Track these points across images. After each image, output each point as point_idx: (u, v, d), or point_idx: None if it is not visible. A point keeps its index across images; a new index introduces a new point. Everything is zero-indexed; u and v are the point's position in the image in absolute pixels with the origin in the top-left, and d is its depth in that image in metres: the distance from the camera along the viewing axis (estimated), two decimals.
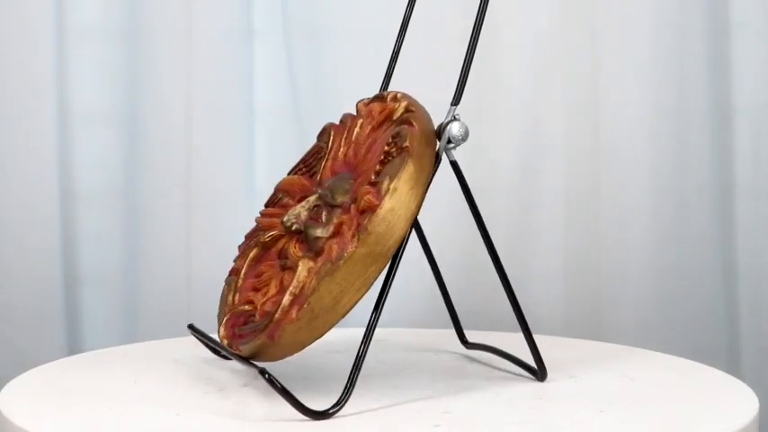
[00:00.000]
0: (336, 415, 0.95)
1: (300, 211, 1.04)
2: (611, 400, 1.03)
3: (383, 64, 1.32)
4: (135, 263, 1.50)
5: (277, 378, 0.94)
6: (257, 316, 1.01)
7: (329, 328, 0.98)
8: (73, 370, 1.14)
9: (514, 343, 1.10)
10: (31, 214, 1.46)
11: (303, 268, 0.97)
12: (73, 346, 1.48)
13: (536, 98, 1.48)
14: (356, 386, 0.96)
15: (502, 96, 1.48)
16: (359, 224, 0.97)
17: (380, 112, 1.06)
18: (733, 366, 1.48)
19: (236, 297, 1.05)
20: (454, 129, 1.02)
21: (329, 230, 0.99)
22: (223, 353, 1.08)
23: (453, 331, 1.19)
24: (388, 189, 0.97)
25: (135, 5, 1.47)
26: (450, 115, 1.02)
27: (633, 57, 1.48)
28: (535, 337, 1.06)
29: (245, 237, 1.10)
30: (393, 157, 0.99)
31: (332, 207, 1.01)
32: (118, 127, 1.50)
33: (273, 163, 1.49)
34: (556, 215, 1.49)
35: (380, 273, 0.98)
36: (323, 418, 0.95)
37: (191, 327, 1.13)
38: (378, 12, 1.48)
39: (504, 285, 1.05)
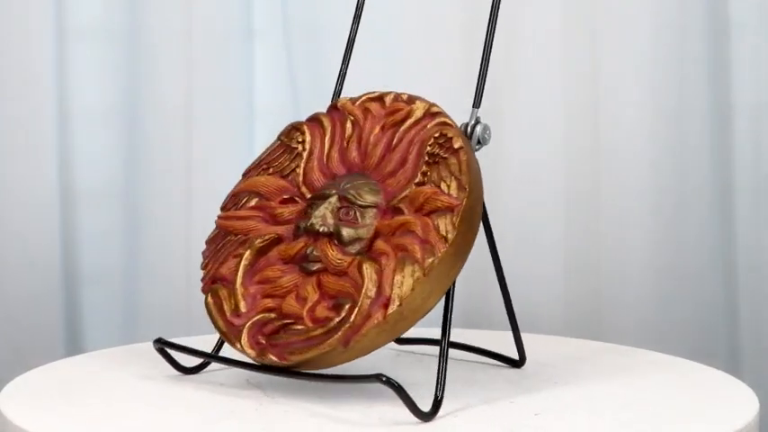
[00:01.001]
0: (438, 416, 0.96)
1: (325, 212, 1.02)
2: (610, 400, 1.03)
3: (383, 64, 1.33)
4: (135, 263, 1.50)
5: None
6: (308, 322, 0.98)
7: (407, 330, 0.98)
8: (73, 370, 1.14)
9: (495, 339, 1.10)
10: (31, 214, 1.46)
11: (371, 270, 0.97)
12: (73, 346, 1.48)
13: (536, 98, 1.48)
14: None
15: (502, 96, 1.48)
16: (435, 225, 0.97)
17: (391, 113, 1.06)
18: (733, 366, 1.48)
19: (240, 305, 1.02)
20: (480, 130, 1.05)
21: (370, 231, 1.00)
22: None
23: None
24: (464, 188, 0.98)
25: (135, 5, 1.47)
26: (474, 118, 1.05)
27: (633, 57, 1.48)
28: (535, 336, 1.06)
29: (209, 242, 1.08)
30: (443, 158, 1.00)
31: (363, 208, 1.01)
32: (118, 127, 1.50)
33: None
34: (556, 215, 1.49)
35: (460, 271, 0.99)
36: (429, 420, 0.95)
37: (159, 341, 1.08)
38: (378, 12, 1.47)
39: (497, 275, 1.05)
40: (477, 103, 1.06)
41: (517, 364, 1.09)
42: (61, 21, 1.46)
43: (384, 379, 0.93)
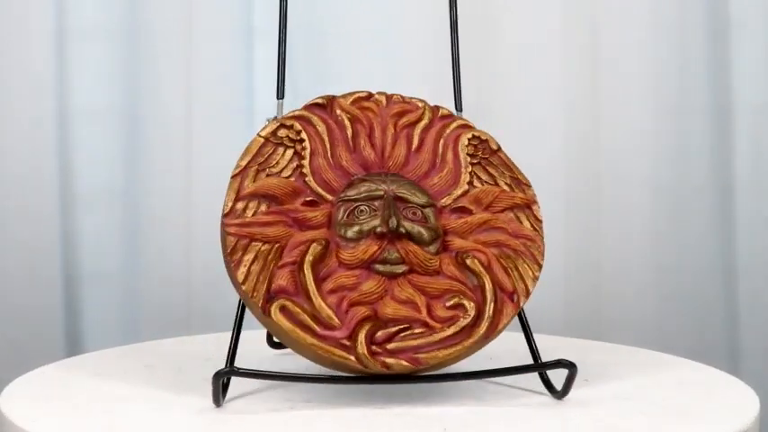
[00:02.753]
0: None
1: (395, 213, 1.00)
2: (610, 399, 1.03)
3: (384, 64, 1.33)
4: (135, 263, 1.50)
5: None
6: (433, 324, 0.97)
7: None
8: (73, 370, 1.14)
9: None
10: (31, 214, 1.46)
11: (479, 266, 0.99)
12: (73, 346, 1.48)
13: (535, 99, 1.48)
14: None
15: (502, 96, 1.48)
16: (515, 219, 1.04)
17: (401, 114, 1.07)
18: (733, 366, 1.48)
19: (330, 317, 0.96)
20: None
21: (440, 229, 1.01)
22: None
23: None
24: (526, 184, 1.07)
25: (135, 5, 1.47)
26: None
27: (633, 56, 1.48)
28: (535, 336, 1.06)
29: (230, 253, 0.98)
30: (483, 158, 1.06)
31: (423, 207, 1.02)
32: (118, 127, 1.50)
33: None
34: (556, 215, 1.49)
35: None
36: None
37: (230, 372, 0.98)
38: (378, 12, 1.48)
39: None
40: (458, 106, 1.10)
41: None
42: (61, 21, 1.46)
43: (566, 363, 0.98)
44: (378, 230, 0.99)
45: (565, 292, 1.48)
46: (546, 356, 1.07)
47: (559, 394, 1.01)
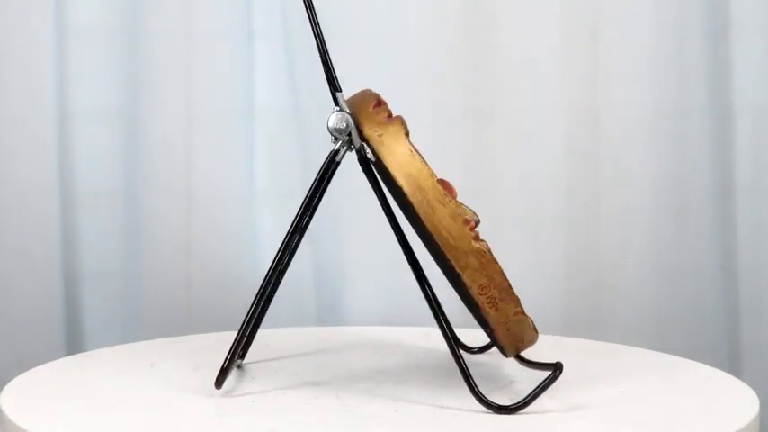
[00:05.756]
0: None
1: None
2: (610, 400, 1.03)
3: (383, 64, 1.32)
4: (135, 263, 1.50)
5: None
6: None
7: None
8: (73, 370, 1.14)
9: None
10: (31, 214, 1.46)
11: None
12: (73, 346, 1.48)
13: (536, 99, 1.48)
14: None
15: (502, 97, 1.48)
16: None
17: None
18: (733, 366, 1.48)
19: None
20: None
21: None
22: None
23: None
24: None
25: (135, 5, 1.47)
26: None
27: (633, 57, 1.48)
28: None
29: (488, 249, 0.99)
30: None
31: None
32: (118, 127, 1.50)
33: (273, 163, 1.50)
34: (556, 215, 1.49)
35: None
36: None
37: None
38: (378, 12, 1.48)
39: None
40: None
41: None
42: (61, 21, 1.46)
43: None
44: None
45: (565, 292, 1.48)
46: (546, 356, 1.07)
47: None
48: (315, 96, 1.48)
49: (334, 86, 1.05)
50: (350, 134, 1.04)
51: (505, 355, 1.03)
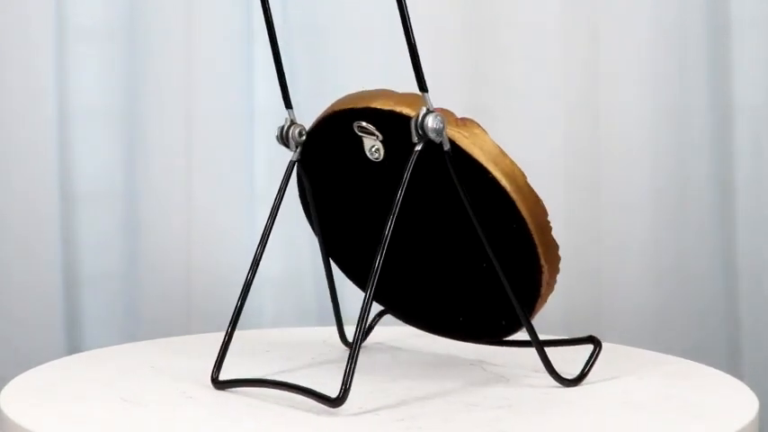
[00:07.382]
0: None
1: None
2: (610, 400, 1.03)
3: (383, 63, 1.32)
4: (135, 263, 1.50)
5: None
6: None
7: None
8: (73, 370, 1.14)
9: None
10: (31, 214, 1.46)
11: None
12: (73, 346, 1.48)
13: (536, 99, 1.48)
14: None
15: (502, 96, 1.48)
16: None
17: None
18: (733, 366, 1.48)
19: None
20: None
21: None
22: None
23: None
24: None
25: (135, 5, 1.47)
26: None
27: (633, 56, 1.48)
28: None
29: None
30: None
31: None
32: (118, 127, 1.50)
33: (273, 163, 1.49)
34: (556, 215, 1.48)
35: None
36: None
37: None
38: (377, 11, 1.48)
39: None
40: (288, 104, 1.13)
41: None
42: (62, 21, 1.46)
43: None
44: None
45: (564, 292, 1.48)
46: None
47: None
48: (315, 96, 1.48)
49: (422, 86, 1.03)
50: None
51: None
